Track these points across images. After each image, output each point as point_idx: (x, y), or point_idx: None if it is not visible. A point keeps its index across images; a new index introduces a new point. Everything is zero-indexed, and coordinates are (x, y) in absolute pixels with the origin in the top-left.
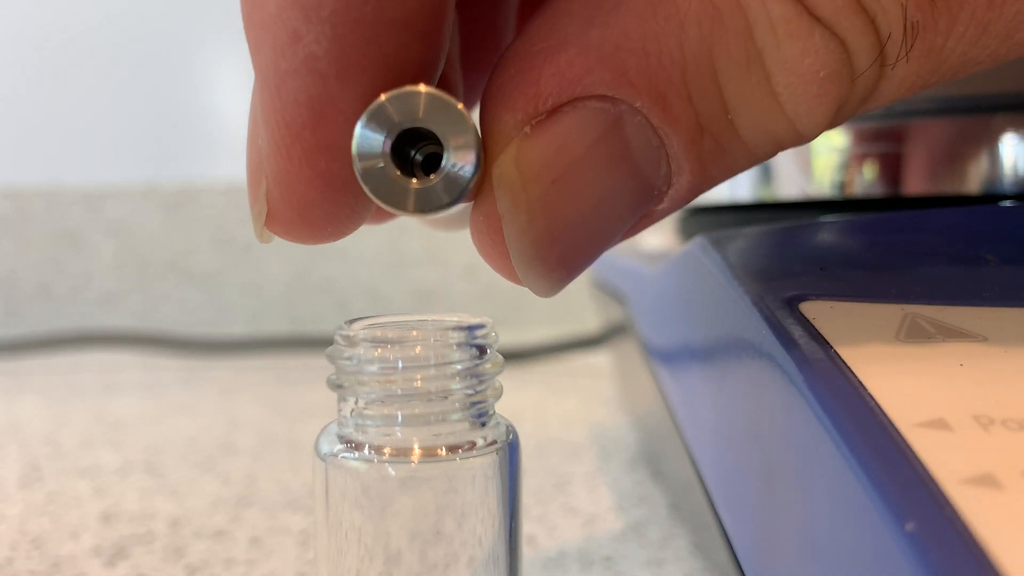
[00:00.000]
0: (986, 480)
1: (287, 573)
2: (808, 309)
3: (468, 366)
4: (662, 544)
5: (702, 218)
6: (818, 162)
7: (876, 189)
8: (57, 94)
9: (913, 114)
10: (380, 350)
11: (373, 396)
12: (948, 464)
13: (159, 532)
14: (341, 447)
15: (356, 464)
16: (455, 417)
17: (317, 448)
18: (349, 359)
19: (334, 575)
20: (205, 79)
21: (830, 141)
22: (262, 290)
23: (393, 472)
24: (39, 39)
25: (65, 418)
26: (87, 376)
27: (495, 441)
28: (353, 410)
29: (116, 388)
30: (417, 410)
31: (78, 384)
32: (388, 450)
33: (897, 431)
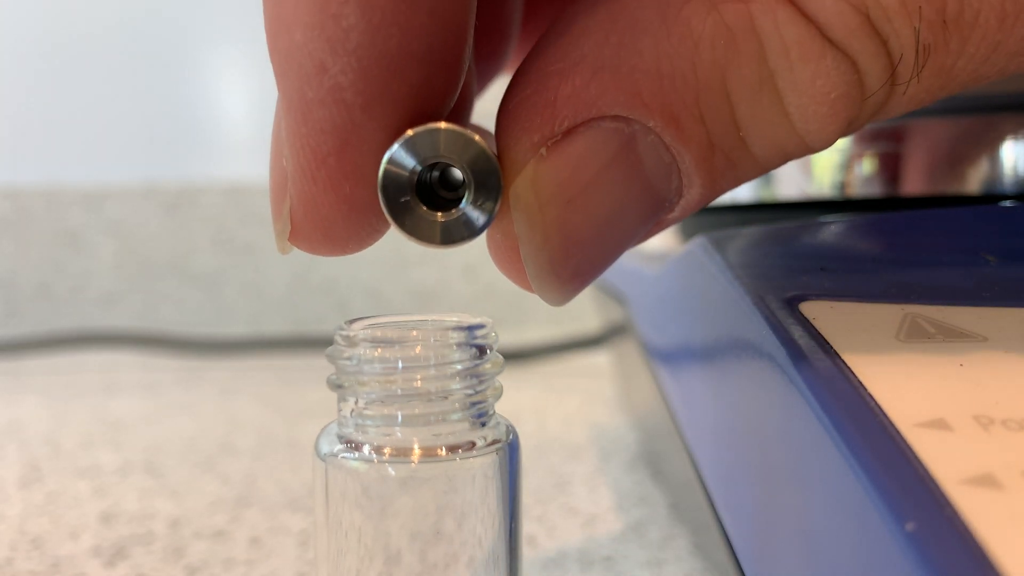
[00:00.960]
0: (986, 480)
1: (287, 573)
2: (808, 309)
3: (468, 366)
4: (662, 544)
5: (702, 218)
6: (818, 162)
7: (876, 189)
8: (57, 94)
9: (913, 114)
10: (380, 350)
11: (373, 396)
12: (948, 464)
13: (159, 532)
14: (341, 447)
15: (356, 464)
16: (455, 417)
17: (317, 448)
18: (349, 359)
19: (334, 575)
20: (205, 79)
21: None
22: (262, 290)
23: (393, 472)
24: (39, 39)
25: (65, 418)
26: (87, 376)
27: (495, 441)
28: (353, 410)
29: (116, 388)
30: (417, 410)
31: (78, 384)
32: (388, 450)
33: (897, 431)
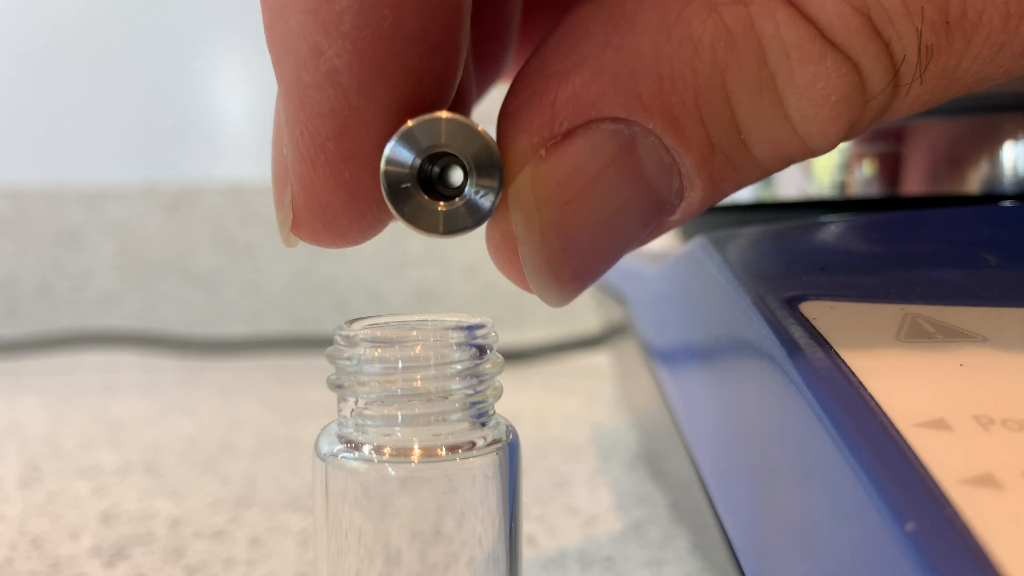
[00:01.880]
0: (986, 480)
1: (287, 573)
2: (808, 309)
3: (468, 366)
4: (662, 544)
5: (702, 218)
6: (818, 162)
7: (876, 189)
8: (57, 94)
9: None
10: (380, 350)
11: (373, 396)
12: (948, 464)
13: (159, 532)
14: (341, 447)
15: (356, 464)
16: (455, 417)
17: (317, 448)
18: (349, 359)
19: (334, 575)
20: (205, 79)
21: None
22: (262, 290)
23: (393, 472)
24: (39, 39)
25: (65, 418)
26: (87, 376)
27: (495, 441)
28: (353, 410)
29: (116, 388)
30: (417, 410)
31: (78, 384)
32: (388, 450)
33: (897, 431)
